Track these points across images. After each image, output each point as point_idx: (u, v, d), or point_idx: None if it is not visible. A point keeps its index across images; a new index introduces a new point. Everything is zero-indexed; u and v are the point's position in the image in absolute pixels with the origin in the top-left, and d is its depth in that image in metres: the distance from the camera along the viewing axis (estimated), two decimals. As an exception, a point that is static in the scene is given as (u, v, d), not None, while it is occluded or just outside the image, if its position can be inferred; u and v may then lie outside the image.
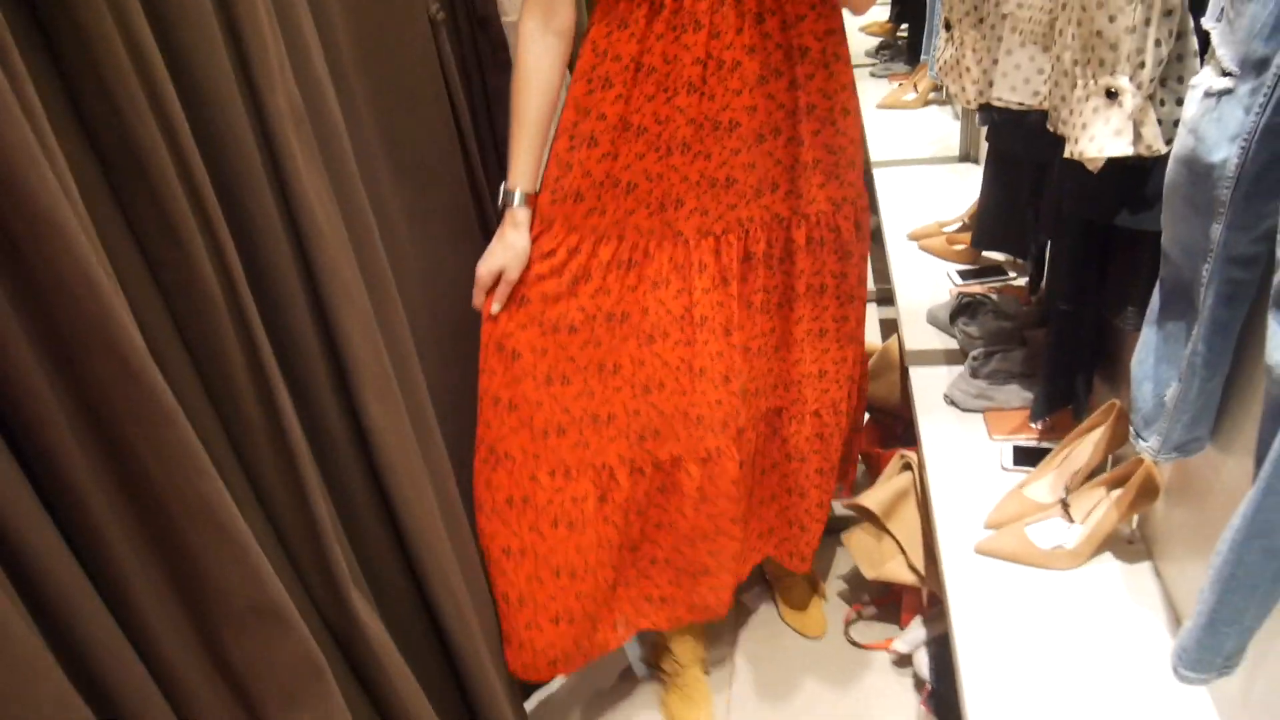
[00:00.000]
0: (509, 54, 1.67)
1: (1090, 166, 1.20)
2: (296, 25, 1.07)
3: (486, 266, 1.41)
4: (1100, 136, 1.17)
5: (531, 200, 1.43)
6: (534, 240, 1.43)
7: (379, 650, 1.07)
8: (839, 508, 2.12)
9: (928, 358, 2.01)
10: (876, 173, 2.86)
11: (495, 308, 1.43)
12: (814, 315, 1.59)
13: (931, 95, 3.36)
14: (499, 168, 1.60)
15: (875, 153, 2.96)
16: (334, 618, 1.04)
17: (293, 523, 0.96)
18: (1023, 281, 2.20)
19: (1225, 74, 0.96)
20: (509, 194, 1.42)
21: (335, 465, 1.06)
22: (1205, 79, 0.99)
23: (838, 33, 1.43)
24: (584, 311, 1.45)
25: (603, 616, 1.61)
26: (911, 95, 3.39)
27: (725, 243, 1.47)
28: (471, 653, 1.28)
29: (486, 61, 1.62)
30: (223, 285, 0.85)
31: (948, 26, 1.67)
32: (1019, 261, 2.26)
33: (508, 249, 1.41)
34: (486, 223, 1.55)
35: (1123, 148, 1.16)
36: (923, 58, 2.98)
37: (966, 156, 2.90)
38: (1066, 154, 1.24)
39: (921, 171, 2.85)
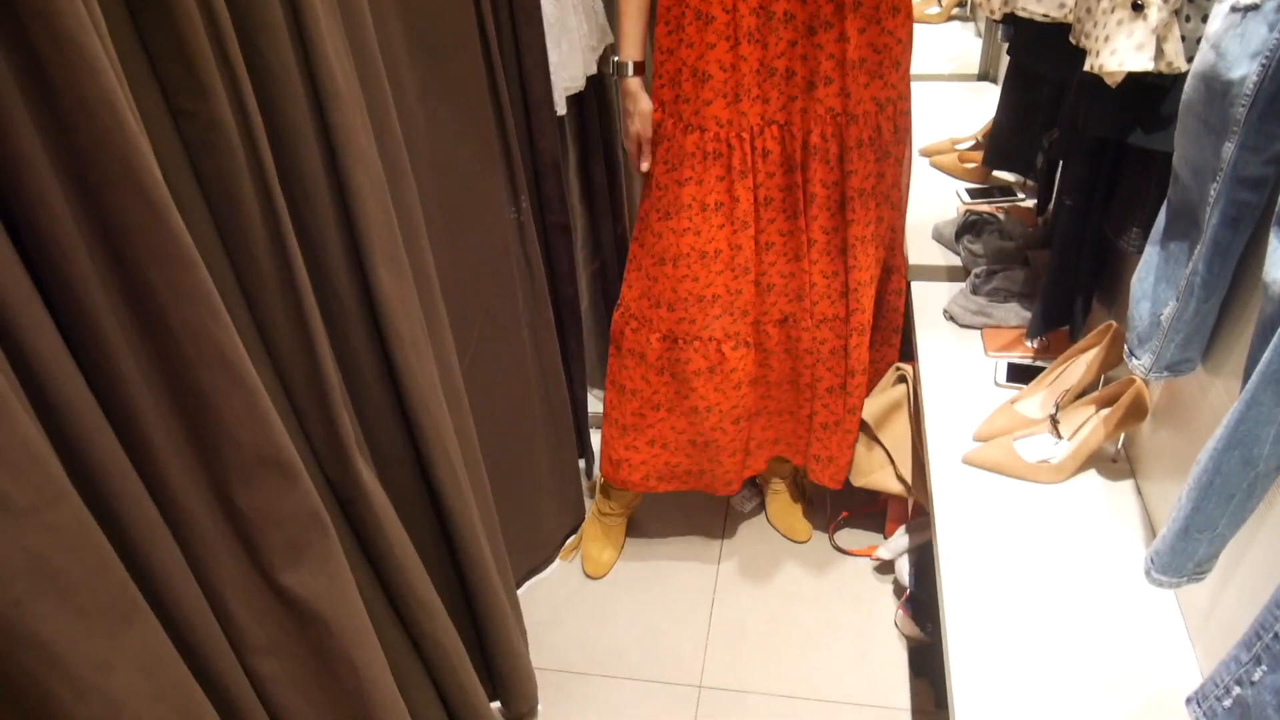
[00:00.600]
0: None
1: (1109, 81, 1.20)
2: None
3: (629, 138, 1.62)
4: (1122, 50, 1.16)
5: (640, 68, 1.59)
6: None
7: (379, 512, 1.10)
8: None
9: (931, 273, 2.02)
10: (894, 87, 2.82)
11: (645, 165, 1.62)
12: (865, 220, 1.62)
13: (955, 10, 3.30)
14: (514, 48, 1.59)
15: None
16: (337, 477, 1.07)
17: (301, 379, 0.98)
18: (1031, 204, 2.20)
19: (1252, -12, 0.96)
20: (621, 65, 1.58)
21: (343, 327, 1.08)
22: (1232, -14, 0.98)
23: None
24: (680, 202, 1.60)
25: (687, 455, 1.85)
26: (935, 9, 3.33)
27: (789, 132, 1.54)
28: (467, 522, 1.32)
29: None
30: (243, 139, 0.86)
31: (979, -67, 1.64)
32: (1028, 184, 2.26)
33: (635, 117, 1.59)
34: (500, 103, 1.54)
35: (1144, 62, 1.15)
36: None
37: (985, 75, 2.86)
38: (1087, 67, 1.23)
39: (939, 88, 2.81)
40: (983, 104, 2.64)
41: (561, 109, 1.78)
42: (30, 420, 0.68)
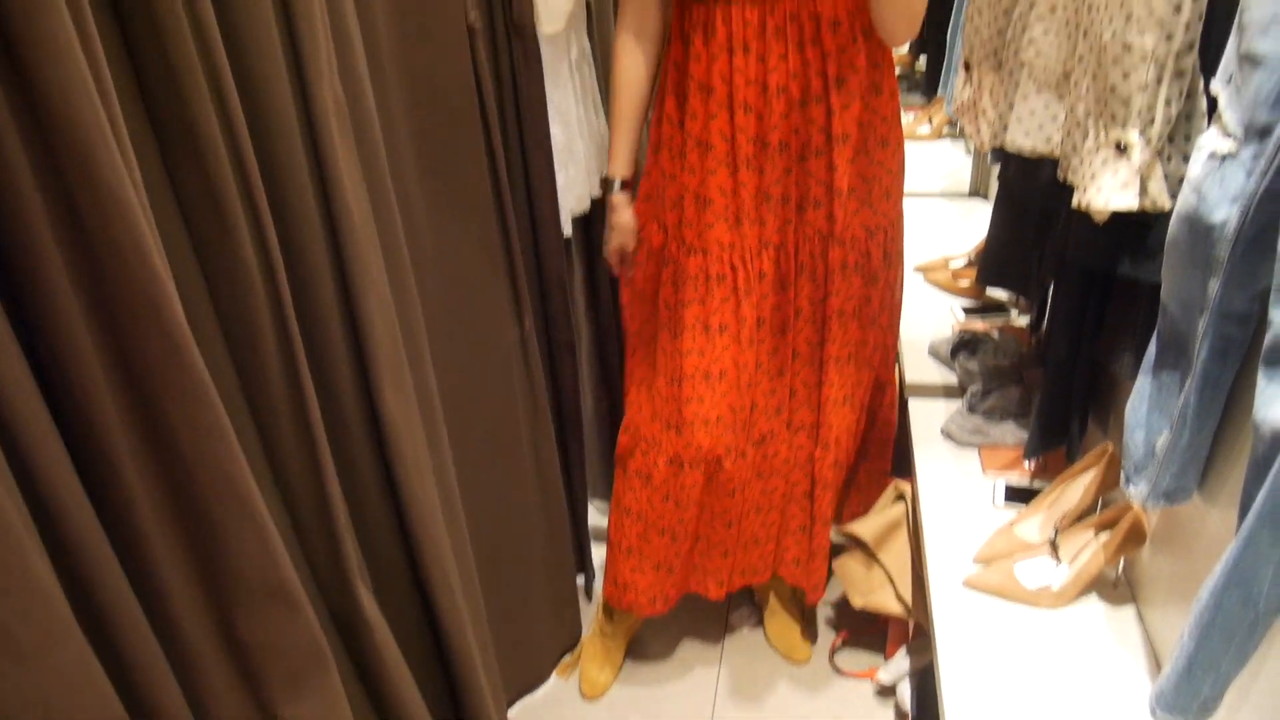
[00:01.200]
0: (540, 64, 1.72)
1: (1096, 218, 1.24)
2: (344, 24, 1.11)
3: (610, 250, 1.70)
4: (1107, 188, 1.21)
5: (627, 185, 1.66)
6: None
7: (379, 642, 1.10)
8: (830, 533, 2.15)
9: (928, 390, 2.04)
10: (887, 205, 2.90)
11: (625, 273, 1.72)
12: (843, 341, 1.65)
13: (946, 129, 3.41)
14: (523, 172, 1.64)
15: (887, 185, 3.00)
16: (339, 606, 1.07)
17: (308, 507, 0.99)
18: (1024, 321, 2.23)
19: (1230, 137, 1.00)
20: (609, 181, 1.66)
21: (349, 452, 1.10)
22: (1211, 140, 1.03)
23: (881, 67, 1.51)
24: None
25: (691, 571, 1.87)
26: (926, 128, 3.44)
27: (783, 253, 1.59)
28: (463, 648, 1.31)
29: (520, 69, 1.65)
30: (262, 271, 0.89)
31: (967, 67, 1.72)
32: (1022, 301, 2.30)
33: (622, 231, 1.67)
34: (506, 224, 1.59)
35: (1129, 201, 1.20)
36: (939, 92, 3.02)
37: (976, 192, 2.95)
38: (1074, 203, 1.28)
39: (932, 204, 2.89)
40: (975, 221, 2.71)
41: (567, 230, 1.83)
42: (40, 556, 0.69)
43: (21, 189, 0.66)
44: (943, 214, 2.82)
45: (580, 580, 2.17)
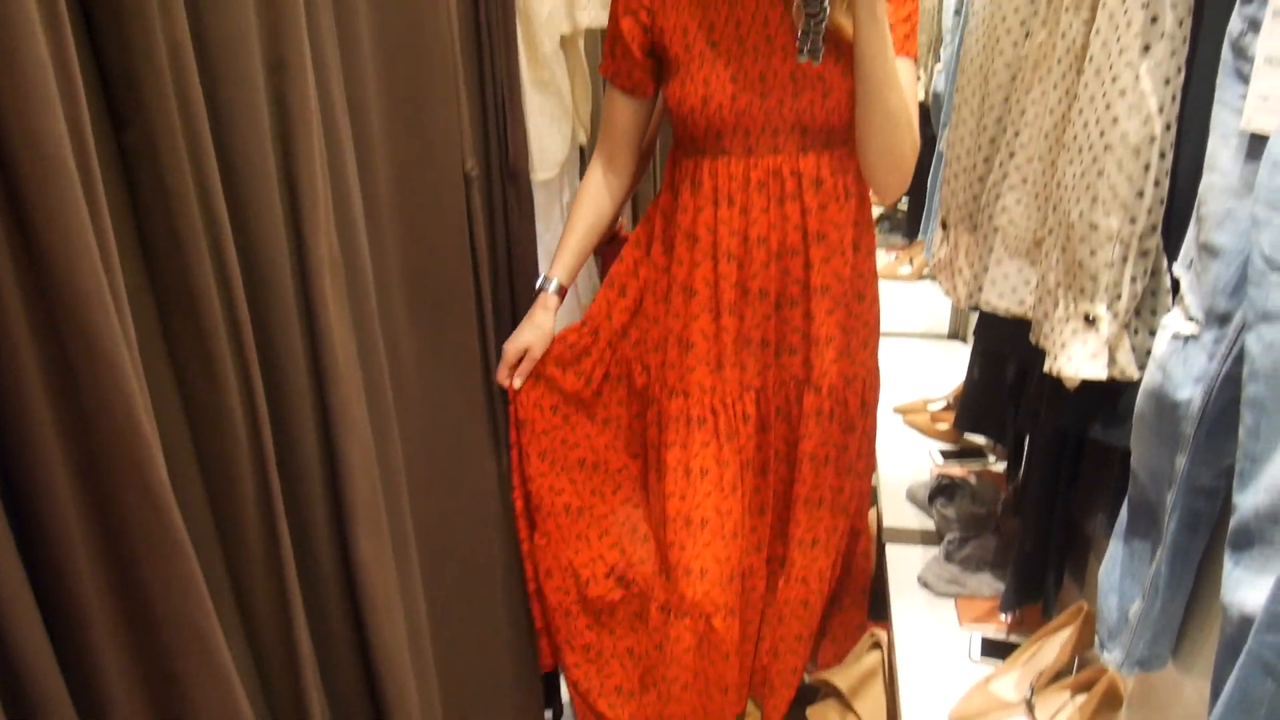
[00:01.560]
0: (533, 208, 1.78)
1: (1067, 384, 1.28)
2: (343, 177, 1.15)
3: (514, 344, 1.64)
4: (1078, 358, 1.25)
5: (562, 291, 1.68)
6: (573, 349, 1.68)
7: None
8: (805, 678, 2.12)
9: (905, 536, 2.04)
10: (868, 343, 2.95)
11: (517, 382, 1.66)
12: (814, 484, 1.65)
13: (926, 271, 3.50)
14: (512, 315, 1.68)
15: (868, 324, 3.07)
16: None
17: (276, 660, 0.98)
18: (1002, 467, 2.26)
19: (1192, 320, 1.05)
20: (546, 280, 1.67)
21: (321, 595, 1.09)
22: (1174, 321, 1.08)
23: (860, 225, 1.58)
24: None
25: None
26: (907, 269, 3.53)
27: (764, 396, 1.63)
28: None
29: (512, 211, 1.71)
30: (246, 421, 0.90)
31: (944, 226, 1.78)
32: (999, 447, 2.33)
33: (535, 328, 1.64)
34: (489, 363, 1.61)
35: (1097, 371, 1.23)
36: (920, 235, 3.12)
37: (956, 334, 3.01)
38: (1045, 368, 1.32)
39: (912, 345, 2.95)
40: (954, 363, 2.77)
41: (551, 365, 1.86)
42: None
43: (18, 345, 0.67)
44: (922, 355, 2.88)
45: (548, 715, 2.11)
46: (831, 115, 1.47)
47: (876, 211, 4.23)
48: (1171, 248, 1.20)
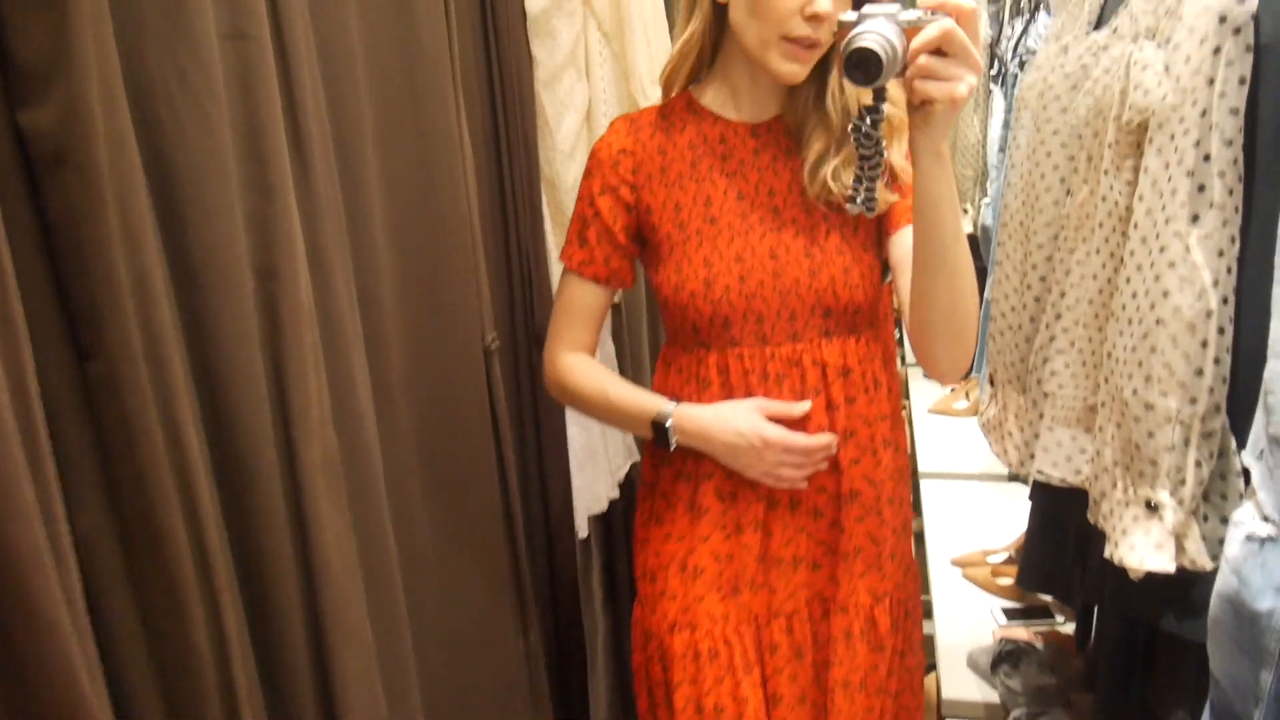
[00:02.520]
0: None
1: (1131, 575, 1.16)
2: (346, 362, 1.11)
3: (753, 429, 1.26)
4: (1141, 547, 1.13)
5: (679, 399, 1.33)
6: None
7: None
8: None
9: (967, 710, 1.89)
10: (923, 484, 2.83)
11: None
12: (849, 713, 1.42)
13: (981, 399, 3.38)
14: (541, 487, 1.61)
15: (923, 463, 2.95)
16: None
17: None
18: (1071, 628, 2.09)
19: (1268, 521, 0.94)
20: (661, 420, 1.28)
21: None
22: (1247, 519, 0.97)
23: (890, 418, 1.37)
24: None
25: None
26: (963, 403, 3.41)
27: (797, 620, 1.38)
28: None
29: (539, 379, 1.67)
30: (215, 659, 0.84)
31: (991, 383, 1.69)
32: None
33: (741, 415, 1.25)
34: (514, 538, 1.54)
35: (1164, 564, 1.12)
36: (973, 374, 3.02)
37: (1015, 477, 2.86)
38: (1106, 554, 1.20)
39: (968, 488, 2.81)
40: (1015, 508, 2.61)
41: (584, 531, 1.78)
42: None
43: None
44: (979, 499, 2.73)
45: None
46: (856, 293, 1.27)
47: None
48: (1239, 429, 1.10)
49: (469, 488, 1.43)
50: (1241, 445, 1.10)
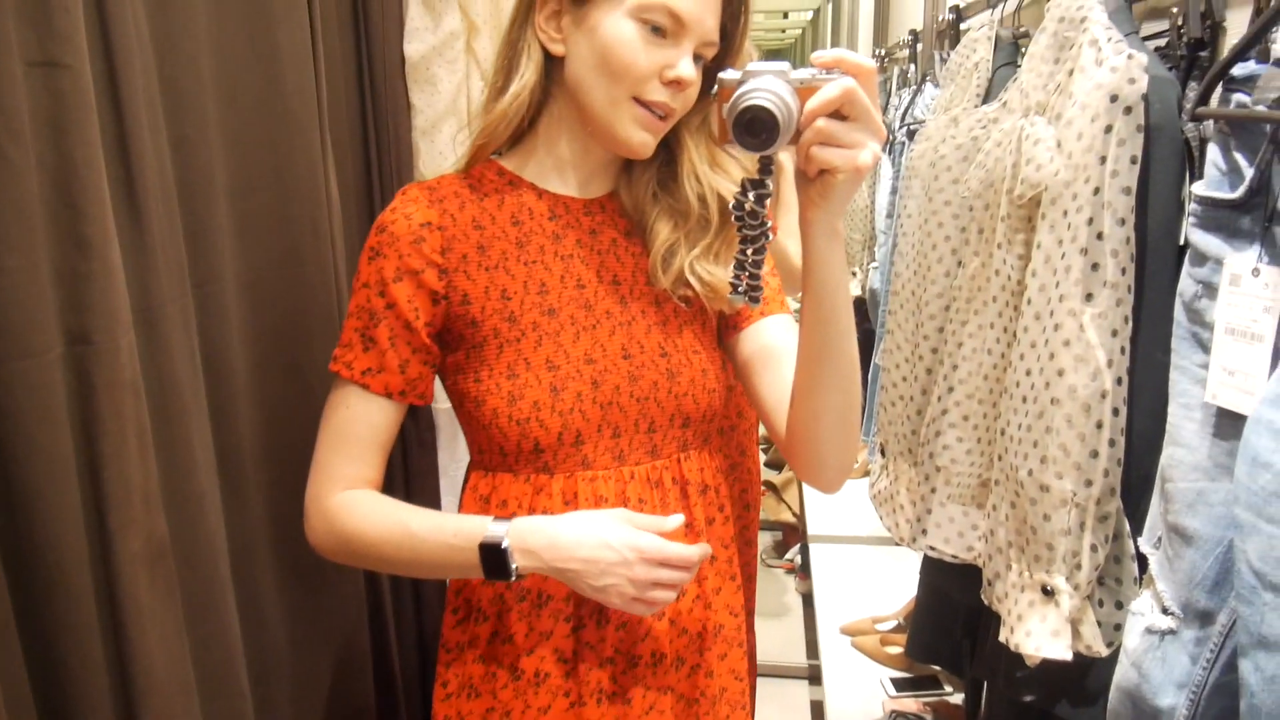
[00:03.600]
0: (435, 435, 1.62)
1: (1027, 662, 1.12)
2: (184, 435, 0.98)
3: (638, 538, 0.95)
4: (1037, 634, 1.09)
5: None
6: None
7: None
8: None
9: (856, 791, 1.82)
10: (812, 548, 2.79)
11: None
12: None
13: (871, 464, 3.38)
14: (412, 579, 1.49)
15: (811, 526, 2.92)
16: None
17: None
18: (961, 699, 2.06)
19: (1168, 614, 0.90)
20: (494, 541, 0.95)
21: None
22: (1146, 610, 0.93)
23: (744, 542, 1.19)
24: None
25: None
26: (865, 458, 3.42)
27: None
28: None
29: (410, 440, 1.56)
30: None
31: (882, 453, 1.66)
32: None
33: (606, 523, 0.96)
34: (384, 635, 1.41)
35: (1061, 651, 1.08)
36: (863, 438, 3.01)
37: (904, 540, 2.86)
38: (1001, 638, 1.16)
39: (857, 552, 2.78)
40: (904, 572, 2.60)
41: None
42: None
43: None
44: (868, 563, 2.71)
45: None
46: (714, 398, 1.06)
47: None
48: (1131, 512, 1.07)
49: (326, 570, 1.30)
50: (1134, 529, 1.08)
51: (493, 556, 0.95)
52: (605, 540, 0.94)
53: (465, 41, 1.53)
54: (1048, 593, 1.09)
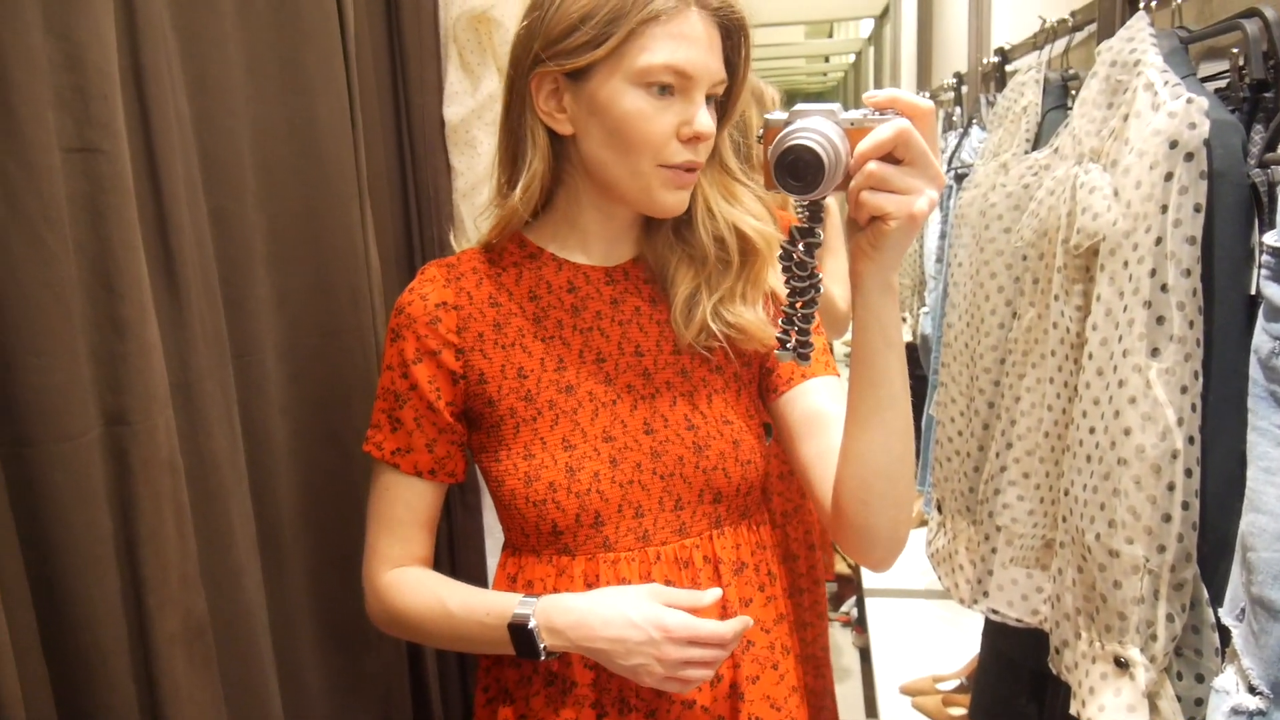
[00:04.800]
0: (479, 497, 1.60)
1: (1102, 740, 1.05)
2: (223, 512, 0.98)
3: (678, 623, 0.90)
4: (1111, 708, 1.03)
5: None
6: None
7: None
8: None
9: None
10: (868, 602, 2.72)
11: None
12: None
13: (925, 514, 3.30)
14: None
15: (867, 580, 2.84)
16: None
17: None
18: (1029, 764, 1.97)
19: (1256, 694, 0.84)
20: (521, 622, 0.92)
21: None
22: (1231, 688, 0.87)
23: (787, 619, 1.08)
24: None
25: None
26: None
27: None
28: None
29: (455, 503, 1.54)
30: None
31: (939, 509, 1.60)
32: (1023, 740, 2.04)
33: (631, 600, 0.91)
34: (427, 700, 1.39)
35: (1138, 728, 1.01)
36: (918, 488, 2.94)
37: (964, 593, 2.76)
38: (1073, 711, 1.10)
39: (915, 607, 2.70)
40: (965, 628, 2.51)
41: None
42: None
43: None
44: (928, 618, 2.63)
45: None
46: (749, 470, 1.00)
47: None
48: (1209, 577, 1.01)
49: (369, 637, 1.28)
50: (1213, 595, 1.02)
51: (521, 636, 0.92)
52: (630, 619, 0.90)
53: (505, 103, 1.54)
54: (1121, 664, 1.02)
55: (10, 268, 0.69)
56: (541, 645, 0.92)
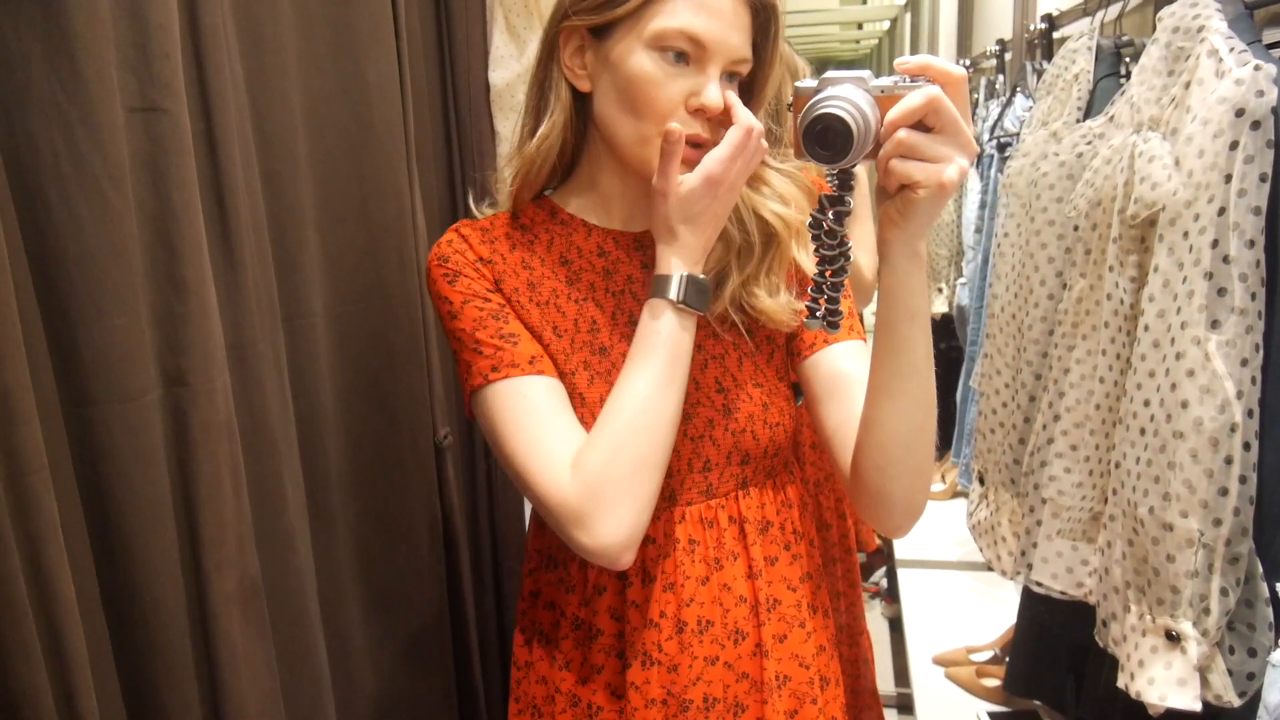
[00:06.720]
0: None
1: (1150, 711, 1.05)
2: (276, 476, 0.99)
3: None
4: (1161, 682, 1.02)
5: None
6: None
7: None
8: None
9: (955, 834, 1.75)
10: (900, 573, 2.71)
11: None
12: None
13: (961, 485, 3.28)
14: (496, 599, 1.48)
15: (899, 550, 2.83)
16: None
17: None
18: (1063, 736, 1.97)
19: (1315, 671, 0.83)
20: (662, 292, 0.90)
21: None
22: (1288, 664, 0.86)
23: (815, 578, 1.08)
24: None
25: None
26: (939, 486, 3.31)
27: None
28: None
29: (496, 475, 1.55)
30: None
31: (980, 480, 1.59)
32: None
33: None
34: (469, 661, 1.40)
35: (1189, 701, 1.01)
36: (952, 459, 2.92)
37: (997, 565, 2.75)
38: (1120, 684, 1.09)
39: (948, 578, 2.69)
40: (999, 601, 2.50)
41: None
42: None
43: None
44: (960, 589, 2.62)
45: None
46: (777, 432, 1.00)
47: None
48: (1264, 551, 1.00)
49: (412, 598, 1.29)
50: (1268, 570, 1.01)
51: (691, 289, 0.90)
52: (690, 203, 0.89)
53: (548, 67, 1.52)
54: (1173, 638, 1.02)
55: (75, 227, 0.70)
56: (697, 275, 0.91)
